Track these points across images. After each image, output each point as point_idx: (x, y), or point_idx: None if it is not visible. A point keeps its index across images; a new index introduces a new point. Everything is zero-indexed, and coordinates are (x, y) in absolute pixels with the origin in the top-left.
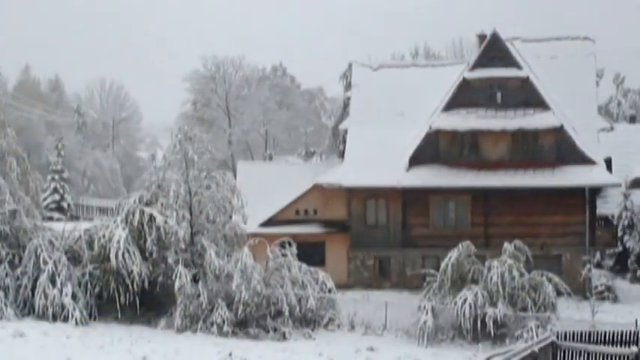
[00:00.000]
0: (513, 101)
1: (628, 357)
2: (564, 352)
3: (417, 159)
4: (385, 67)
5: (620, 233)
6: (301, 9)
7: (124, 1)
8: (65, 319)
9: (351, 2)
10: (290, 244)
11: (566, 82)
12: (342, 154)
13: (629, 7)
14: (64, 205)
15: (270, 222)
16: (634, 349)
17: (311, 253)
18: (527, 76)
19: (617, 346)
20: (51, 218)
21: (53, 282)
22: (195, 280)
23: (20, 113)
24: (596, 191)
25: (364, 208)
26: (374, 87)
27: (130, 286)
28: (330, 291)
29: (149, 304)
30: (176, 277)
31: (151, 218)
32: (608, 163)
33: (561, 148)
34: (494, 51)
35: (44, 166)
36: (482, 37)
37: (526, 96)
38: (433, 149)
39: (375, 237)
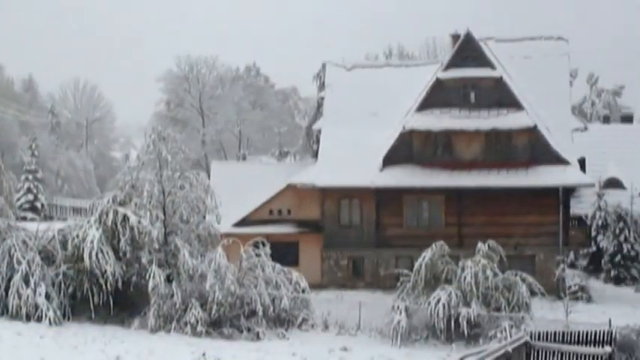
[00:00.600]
0: (487, 101)
1: (601, 357)
2: (538, 352)
3: (391, 159)
4: (359, 67)
5: (593, 233)
6: (275, 9)
7: (98, 0)
8: (39, 319)
9: (325, 2)
10: (263, 244)
11: (540, 82)
12: (315, 154)
13: (602, 7)
14: (38, 205)
15: (243, 222)
16: (607, 349)
17: (285, 253)
18: (500, 76)
19: (590, 346)
20: (24, 218)
21: (27, 282)
22: (168, 280)
23: None
24: (569, 191)
25: (338, 208)
26: (348, 87)
27: (104, 286)
28: (303, 291)
29: (123, 304)
30: (150, 277)
31: (125, 218)
32: (582, 163)
33: (535, 148)
34: (467, 51)
35: (18, 166)
36: (455, 37)
37: (500, 96)
38: (407, 149)
39: (348, 237)
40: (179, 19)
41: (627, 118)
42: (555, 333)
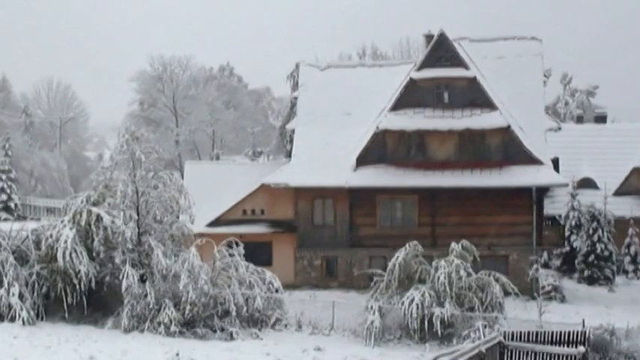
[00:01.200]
0: (460, 101)
1: (575, 357)
2: (511, 352)
3: (364, 159)
4: (332, 67)
5: (567, 233)
6: (248, 9)
7: (72, 0)
8: (12, 319)
9: (299, 2)
10: (237, 244)
11: (514, 82)
12: (289, 154)
13: (576, 7)
14: (12, 205)
15: (217, 222)
16: (581, 349)
17: (258, 253)
18: (474, 76)
19: (564, 346)
20: None
21: (0, 282)
22: (142, 280)
23: None
24: (543, 191)
25: (311, 208)
26: (321, 87)
27: (78, 286)
28: (277, 291)
29: (96, 304)
30: (123, 277)
31: (98, 218)
32: (556, 163)
33: (508, 148)
34: (441, 51)
35: None
36: (429, 37)
37: (473, 96)
38: (380, 149)
39: (322, 237)
40: (153, 19)
41: (601, 118)
42: (529, 333)
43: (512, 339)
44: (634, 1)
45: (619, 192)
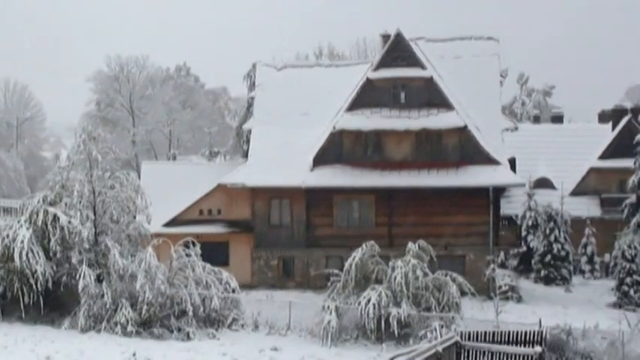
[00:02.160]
0: (417, 101)
1: (532, 357)
2: (468, 352)
3: (321, 159)
4: (289, 67)
5: (524, 233)
6: (205, 9)
7: (28, 0)
8: None
9: (255, 2)
10: (194, 244)
11: (471, 82)
12: (246, 154)
13: (532, 8)
14: None
15: (174, 222)
16: (537, 349)
17: (215, 253)
18: (430, 76)
19: (521, 346)
20: None
21: None
22: (99, 280)
23: None
24: (500, 191)
25: (268, 208)
26: (278, 87)
27: (34, 286)
28: (233, 291)
29: (53, 304)
30: (80, 277)
31: (55, 218)
32: (512, 163)
33: (465, 148)
34: (397, 51)
35: None
36: (386, 37)
37: (430, 96)
38: (337, 149)
39: (279, 237)
40: (110, 20)
41: (557, 118)
42: (485, 333)
43: (469, 339)
44: (589, 1)
45: (576, 192)
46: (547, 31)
